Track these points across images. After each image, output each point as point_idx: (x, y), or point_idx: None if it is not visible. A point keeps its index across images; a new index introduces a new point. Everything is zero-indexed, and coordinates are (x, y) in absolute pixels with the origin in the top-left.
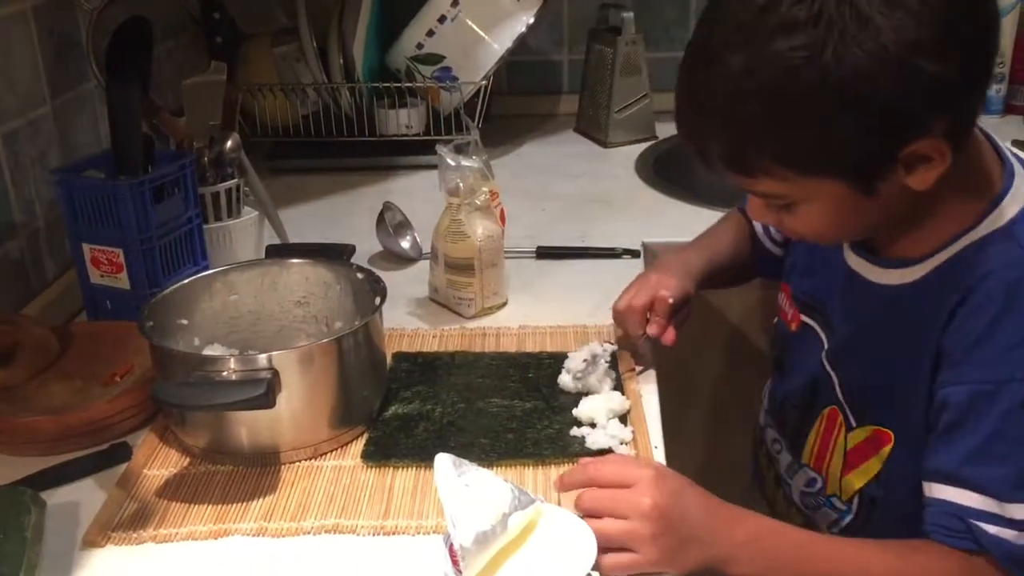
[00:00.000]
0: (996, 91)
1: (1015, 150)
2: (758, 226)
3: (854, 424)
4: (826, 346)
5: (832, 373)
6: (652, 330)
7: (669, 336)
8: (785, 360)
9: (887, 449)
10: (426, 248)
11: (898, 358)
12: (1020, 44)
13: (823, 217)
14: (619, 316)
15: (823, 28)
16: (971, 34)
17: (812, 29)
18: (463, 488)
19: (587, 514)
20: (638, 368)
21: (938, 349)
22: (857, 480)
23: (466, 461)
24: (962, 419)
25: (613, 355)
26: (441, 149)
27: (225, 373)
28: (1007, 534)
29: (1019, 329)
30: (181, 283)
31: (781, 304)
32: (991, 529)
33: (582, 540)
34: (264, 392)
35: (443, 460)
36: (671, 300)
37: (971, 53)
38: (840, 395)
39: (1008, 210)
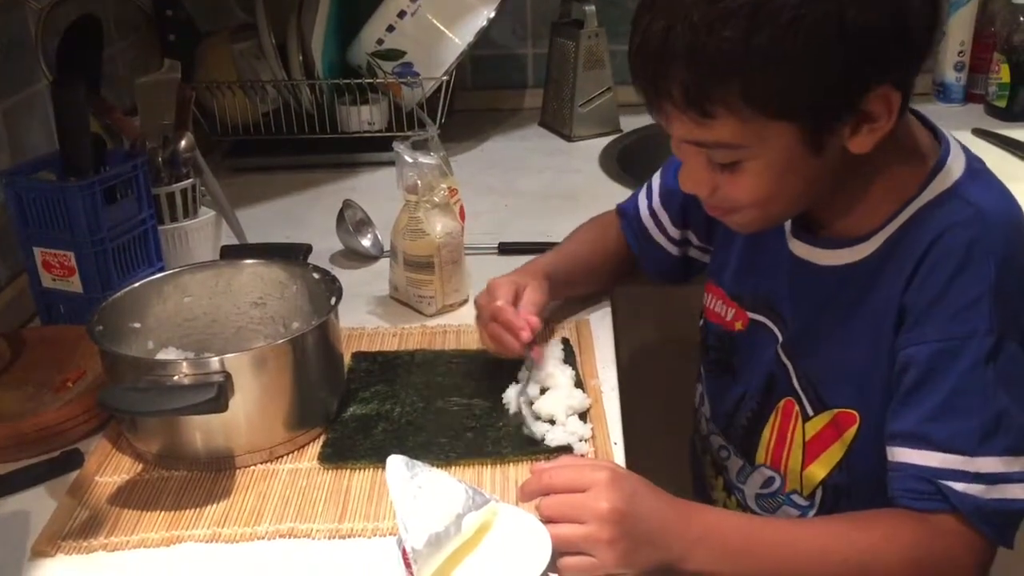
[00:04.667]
0: (957, 80)
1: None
2: (649, 223)
3: (811, 413)
4: (780, 339)
5: (788, 363)
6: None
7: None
8: (735, 361)
9: (851, 432)
10: (387, 246)
11: (859, 334)
12: (979, 34)
13: (767, 178)
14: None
15: None
16: None
17: None
18: (416, 490)
19: (547, 520)
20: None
21: (900, 310)
22: (819, 470)
23: (419, 462)
24: (925, 378)
25: (568, 347)
26: (398, 146)
27: (176, 377)
28: (975, 489)
29: (977, 284)
30: (132, 286)
31: (710, 306)
32: (958, 486)
33: (537, 539)
34: (215, 396)
35: (395, 462)
36: (499, 302)
37: (936, 7)
38: (796, 385)
39: (949, 175)
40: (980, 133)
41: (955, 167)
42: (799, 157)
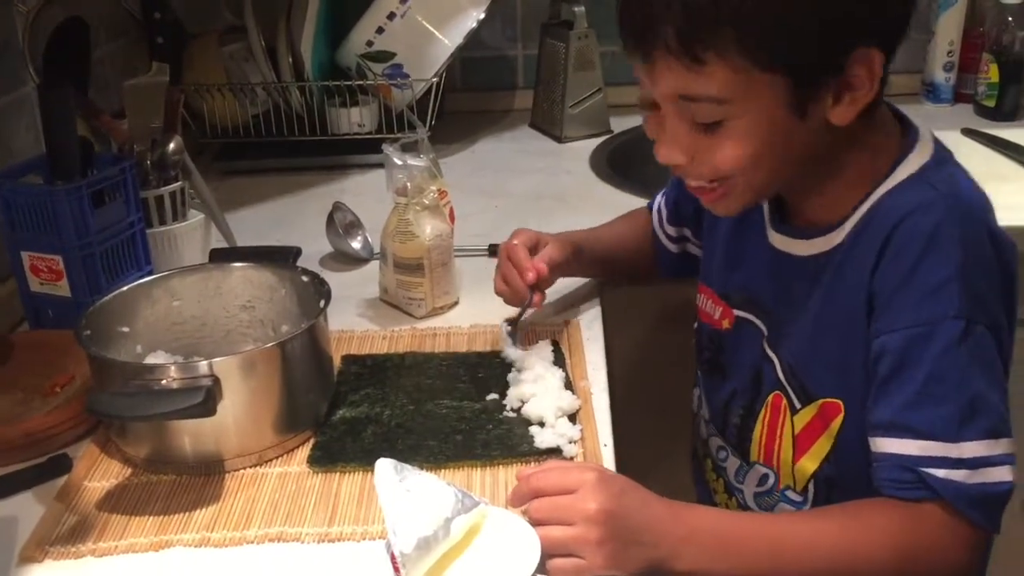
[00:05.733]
0: (946, 80)
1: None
2: (655, 217)
3: (798, 405)
4: (766, 333)
5: (773, 356)
6: (529, 277)
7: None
8: (723, 360)
9: (837, 422)
10: (377, 248)
11: (835, 322)
12: (968, 34)
13: (750, 140)
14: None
15: None
16: None
17: None
18: (405, 493)
19: (536, 523)
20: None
21: (869, 296)
22: (810, 463)
23: (408, 466)
24: (899, 366)
25: (557, 348)
26: (387, 148)
27: (164, 381)
28: (958, 475)
29: (943, 267)
30: (120, 290)
31: (702, 307)
32: (940, 473)
33: (526, 541)
34: (203, 400)
35: (384, 465)
36: (515, 242)
37: None
38: (782, 377)
39: (915, 161)
40: (969, 133)
41: (922, 154)
42: (783, 120)
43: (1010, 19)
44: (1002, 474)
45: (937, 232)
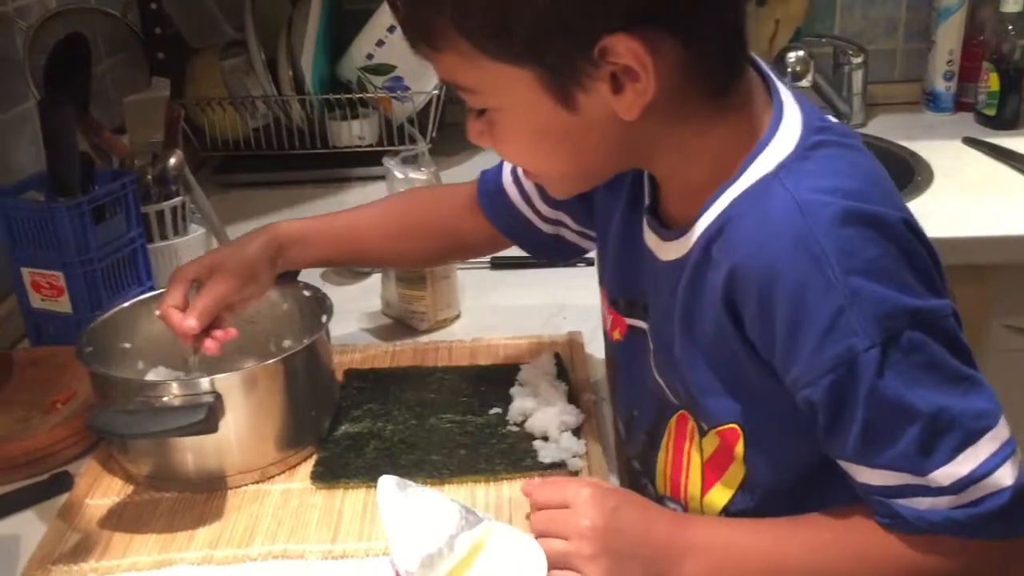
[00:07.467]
0: (946, 89)
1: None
2: (512, 191)
3: (706, 428)
4: (652, 348)
5: (659, 379)
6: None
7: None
8: (619, 377)
9: (740, 448)
10: None
11: (706, 345)
12: (968, 43)
13: (520, 135)
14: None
15: None
16: None
17: None
18: (408, 510)
19: (538, 534)
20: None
21: (747, 340)
22: (720, 496)
23: (411, 482)
24: (835, 415)
25: (560, 361)
26: (388, 161)
27: (166, 398)
28: (942, 502)
29: (827, 299)
30: (121, 306)
31: (604, 313)
32: (923, 505)
33: (532, 559)
34: (205, 417)
35: (387, 482)
36: (166, 304)
37: None
38: (674, 400)
39: (777, 153)
40: (970, 142)
41: (785, 142)
42: (550, 113)
43: (1010, 28)
44: (999, 480)
45: (798, 268)
